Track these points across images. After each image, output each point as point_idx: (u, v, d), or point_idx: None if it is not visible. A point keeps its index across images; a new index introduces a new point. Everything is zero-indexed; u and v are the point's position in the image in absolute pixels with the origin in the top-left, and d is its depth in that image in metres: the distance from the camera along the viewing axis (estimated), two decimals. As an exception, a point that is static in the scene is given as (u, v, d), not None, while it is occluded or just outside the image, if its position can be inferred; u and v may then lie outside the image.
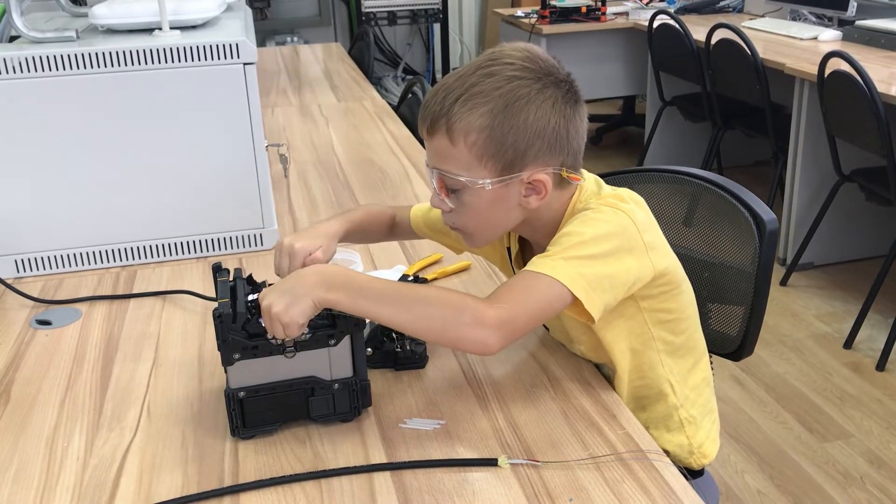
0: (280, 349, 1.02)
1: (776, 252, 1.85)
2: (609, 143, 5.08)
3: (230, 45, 1.49)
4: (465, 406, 1.10)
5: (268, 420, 1.05)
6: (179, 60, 1.47)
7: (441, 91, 1.04)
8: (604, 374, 1.18)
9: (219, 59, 1.49)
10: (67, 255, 1.56)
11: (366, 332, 1.08)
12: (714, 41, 3.58)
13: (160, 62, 1.47)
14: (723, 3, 4.53)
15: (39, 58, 1.42)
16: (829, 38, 3.55)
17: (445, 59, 5.66)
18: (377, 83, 5.46)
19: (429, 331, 1.00)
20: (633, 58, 4.50)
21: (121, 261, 1.59)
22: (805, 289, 3.20)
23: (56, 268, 1.56)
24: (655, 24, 4.03)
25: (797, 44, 3.59)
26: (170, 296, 1.47)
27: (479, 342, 0.97)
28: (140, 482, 0.99)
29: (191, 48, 1.47)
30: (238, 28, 1.60)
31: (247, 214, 1.61)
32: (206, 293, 1.45)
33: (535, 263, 1.02)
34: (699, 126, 4.15)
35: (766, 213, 1.30)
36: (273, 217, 1.64)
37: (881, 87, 2.65)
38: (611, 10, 4.48)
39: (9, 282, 1.50)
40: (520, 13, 4.60)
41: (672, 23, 3.86)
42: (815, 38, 3.60)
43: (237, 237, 1.63)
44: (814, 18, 4.05)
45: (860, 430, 2.37)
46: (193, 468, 1.01)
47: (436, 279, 1.48)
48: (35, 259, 1.55)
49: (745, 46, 3.34)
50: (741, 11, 4.51)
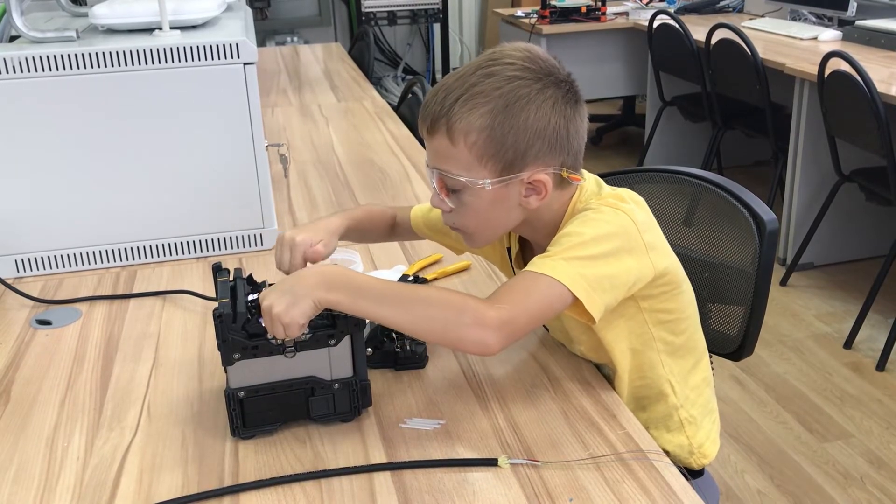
0: (280, 349, 1.02)
1: (776, 252, 1.85)
2: (609, 143, 5.08)
3: (230, 45, 1.49)
4: (465, 406, 1.10)
5: (268, 420, 1.05)
6: (179, 60, 1.48)
7: (441, 91, 1.04)
8: (604, 375, 1.18)
9: (219, 59, 1.49)
10: (67, 255, 1.56)
11: (366, 332, 1.08)
12: (714, 41, 3.58)
13: (160, 62, 1.47)
14: (723, 3, 4.53)
15: (39, 58, 1.43)
16: (829, 38, 3.55)
17: (445, 59, 5.66)
18: (377, 83, 5.46)
19: (429, 331, 1.00)
20: (633, 58, 4.50)
21: (121, 261, 1.59)
22: (805, 289, 3.20)
23: (56, 268, 1.56)
24: (655, 24, 4.03)
25: (797, 44, 3.59)
26: (170, 296, 1.47)
27: (480, 343, 0.97)
28: (140, 482, 0.99)
29: (191, 48, 1.47)
30: (238, 28, 1.60)
31: (247, 214, 1.61)
32: (206, 293, 1.45)
33: (536, 264, 1.02)
34: (699, 126, 4.15)
35: (766, 213, 1.30)
36: (273, 217, 1.64)
37: (881, 87, 2.65)
38: (611, 10, 4.48)
39: (9, 282, 1.50)
40: (520, 13, 4.60)
41: (672, 23, 3.86)
42: (815, 38, 3.60)
43: (237, 237, 1.63)
44: (814, 18, 4.05)
45: (860, 430, 2.37)
46: (193, 468, 1.01)
47: (436, 279, 1.48)
48: (35, 259, 1.55)
49: (745, 46, 3.34)
50: (741, 11, 4.51)
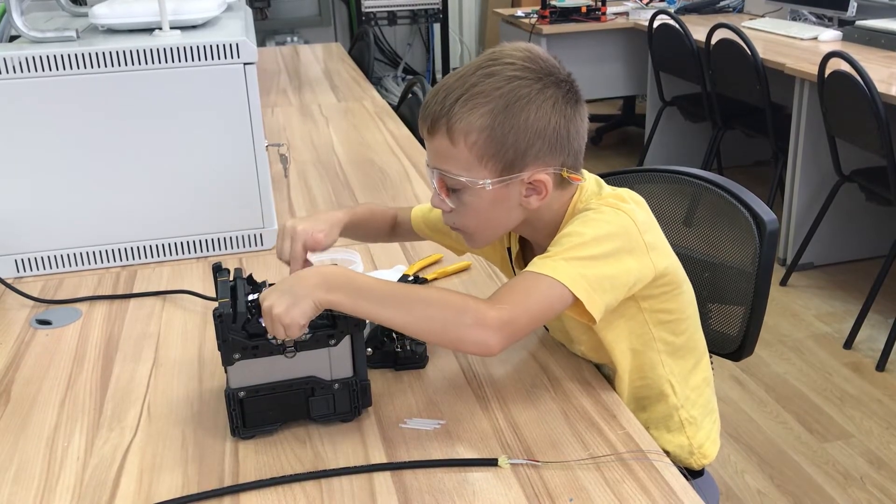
0: (280, 349, 1.02)
1: (776, 252, 1.85)
2: (609, 143, 5.08)
3: (230, 45, 1.49)
4: (466, 406, 1.10)
5: (268, 420, 1.05)
6: (179, 60, 1.47)
7: (441, 91, 1.04)
8: (604, 375, 1.18)
9: (219, 59, 1.49)
10: (67, 255, 1.56)
11: (366, 333, 1.08)
12: (714, 41, 3.58)
13: (160, 62, 1.47)
14: (723, 3, 4.53)
15: (39, 57, 1.42)
16: (830, 39, 3.55)
17: (445, 59, 5.66)
18: (377, 83, 5.46)
19: (430, 332, 1.00)
20: (633, 58, 4.50)
21: (121, 261, 1.59)
22: (805, 289, 3.20)
23: (56, 268, 1.56)
24: (655, 24, 4.03)
25: (797, 44, 3.59)
26: (170, 296, 1.47)
27: (481, 343, 0.97)
28: (140, 482, 0.99)
29: (191, 48, 1.47)
30: (238, 28, 1.60)
31: (247, 214, 1.61)
32: (207, 293, 1.45)
33: (536, 264, 1.02)
34: (699, 126, 4.15)
35: (766, 214, 1.30)
36: (273, 217, 1.64)
37: (881, 87, 2.65)
38: (611, 10, 4.48)
39: (9, 282, 1.50)
40: (520, 13, 4.60)
41: (672, 23, 3.86)
42: (816, 39, 3.60)
43: (237, 237, 1.62)
44: (814, 18, 4.05)
45: (860, 430, 2.37)
46: (193, 468, 1.01)
47: (436, 279, 1.48)
48: (35, 259, 1.55)
49: (746, 46, 3.34)
50: (741, 11, 4.51)
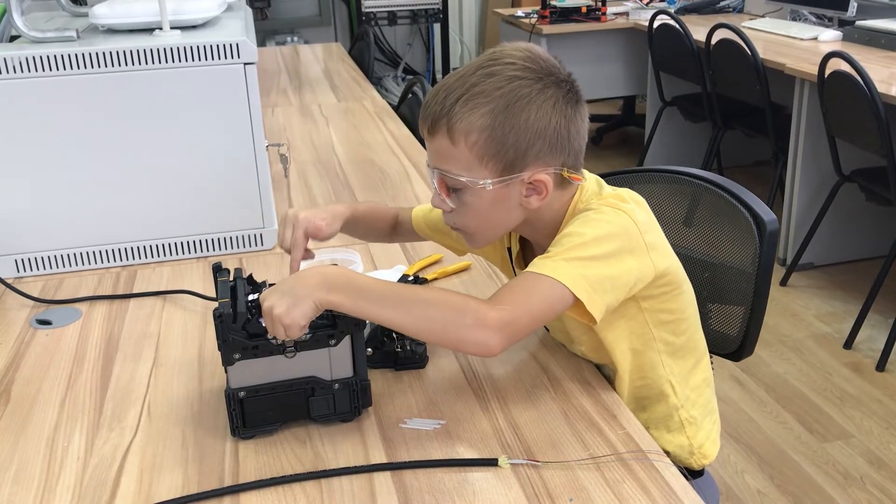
0: (280, 349, 1.02)
1: (776, 252, 1.85)
2: (609, 144, 5.08)
3: (230, 45, 1.48)
4: (466, 406, 1.10)
5: (268, 420, 1.05)
6: (180, 60, 1.47)
7: (442, 91, 1.04)
8: (604, 375, 1.18)
9: (219, 59, 1.49)
10: (67, 255, 1.56)
11: (366, 333, 1.08)
12: (714, 41, 3.58)
13: (160, 62, 1.47)
14: (723, 4, 4.53)
15: (40, 57, 1.42)
16: (830, 39, 3.55)
17: (445, 59, 5.66)
18: (377, 83, 5.46)
19: (430, 332, 1.00)
20: (634, 58, 4.50)
21: (121, 261, 1.59)
22: (805, 289, 3.20)
23: (56, 268, 1.56)
24: (655, 25, 4.03)
25: (797, 44, 3.59)
26: (170, 296, 1.47)
27: (481, 344, 0.97)
28: (140, 482, 0.99)
29: (191, 48, 1.47)
30: (238, 28, 1.60)
31: (247, 214, 1.61)
32: (207, 293, 1.45)
33: (537, 264, 1.02)
34: (699, 126, 4.15)
35: (767, 214, 1.30)
36: (273, 217, 1.63)
37: (881, 88, 2.65)
38: (611, 10, 4.48)
39: (9, 282, 1.50)
40: (520, 13, 4.60)
41: (672, 23, 3.86)
42: (816, 39, 3.60)
43: (237, 237, 1.62)
44: (814, 19, 4.05)
45: (860, 431, 2.37)
46: (193, 468, 1.01)
47: (436, 279, 1.48)
48: (35, 259, 1.55)
49: (746, 46, 3.34)
50: (741, 11, 4.51)
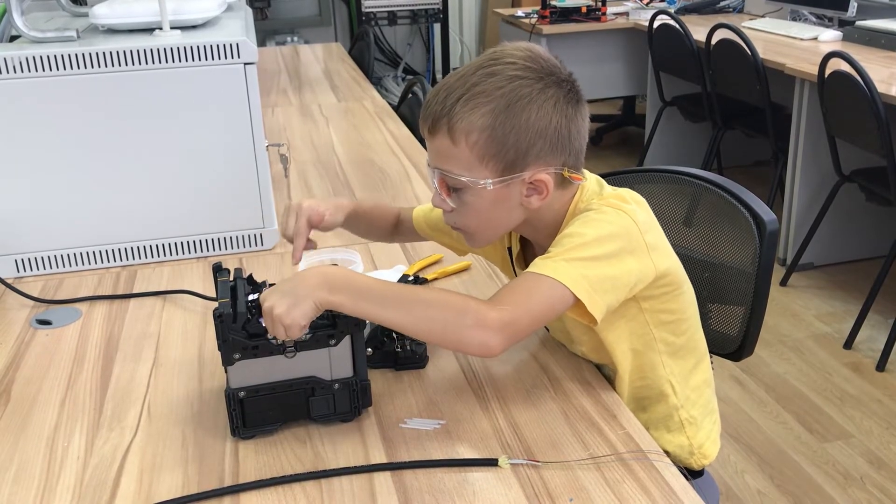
0: (280, 349, 1.02)
1: (776, 252, 1.84)
2: (609, 144, 5.08)
3: (230, 45, 1.48)
4: (466, 406, 1.10)
5: (268, 420, 1.05)
6: (180, 60, 1.47)
7: (442, 91, 1.04)
8: (604, 375, 1.18)
9: (219, 59, 1.49)
10: (67, 255, 1.56)
11: (366, 333, 1.08)
12: (714, 41, 3.58)
13: (160, 62, 1.47)
14: (723, 4, 4.53)
15: (40, 57, 1.42)
16: (830, 39, 3.55)
17: (445, 59, 5.66)
18: (377, 83, 5.46)
19: (431, 333, 1.00)
20: (634, 58, 4.50)
21: (121, 261, 1.59)
22: (805, 289, 3.20)
23: (56, 268, 1.56)
24: (656, 25, 4.03)
25: (797, 44, 3.59)
26: (170, 296, 1.47)
27: (482, 344, 0.97)
28: (140, 482, 0.99)
29: (191, 48, 1.47)
30: (238, 28, 1.60)
31: (247, 214, 1.61)
32: (207, 293, 1.45)
33: (537, 265, 1.02)
34: (699, 126, 4.15)
35: (767, 214, 1.30)
36: (273, 217, 1.63)
37: (881, 88, 2.65)
38: (611, 11, 4.48)
39: (9, 281, 1.50)
40: (520, 13, 4.60)
41: (672, 23, 3.86)
42: (816, 39, 3.60)
43: (237, 237, 1.62)
44: (814, 19, 4.05)
45: (860, 431, 2.37)
46: (193, 468, 1.01)
47: (436, 279, 1.48)
48: (35, 259, 1.55)
49: (746, 47, 3.34)
50: (741, 12, 4.51)
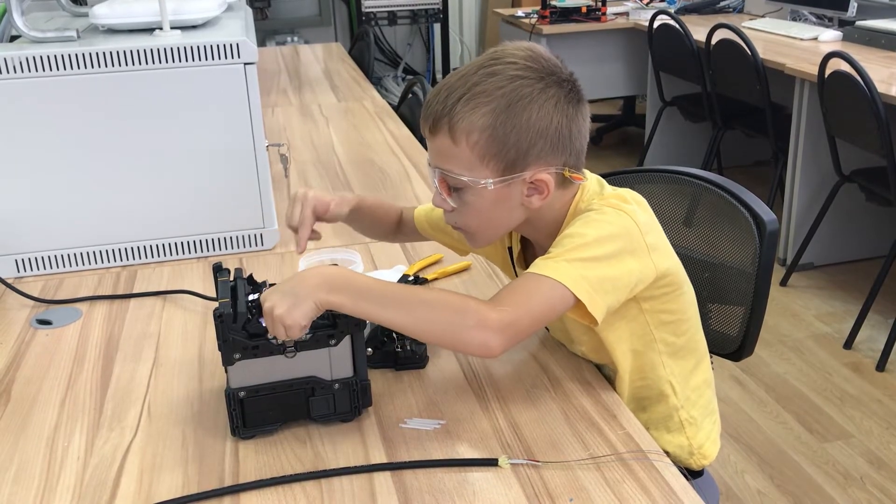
0: (280, 349, 1.02)
1: (776, 252, 1.84)
2: (609, 144, 5.08)
3: (231, 45, 1.48)
4: (466, 406, 1.10)
5: (268, 420, 1.05)
6: (180, 60, 1.47)
7: (443, 90, 1.04)
8: (604, 375, 1.18)
9: (219, 59, 1.49)
10: (67, 255, 1.56)
11: (366, 332, 1.08)
12: (714, 41, 3.58)
13: (160, 62, 1.47)
14: (723, 4, 4.53)
15: (40, 57, 1.42)
16: (830, 39, 3.55)
17: (445, 59, 5.66)
18: (377, 83, 5.46)
19: (431, 334, 1.00)
20: (634, 58, 4.50)
21: (121, 260, 1.59)
22: (805, 289, 3.20)
23: (56, 267, 1.56)
24: (656, 25, 4.03)
25: (797, 44, 3.59)
26: (170, 296, 1.47)
27: (482, 345, 0.97)
28: (140, 482, 0.99)
29: (191, 48, 1.47)
30: (238, 28, 1.60)
31: (247, 214, 1.61)
32: (207, 293, 1.45)
33: (538, 265, 1.02)
34: (699, 126, 4.15)
35: (767, 214, 1.30)
36: (273, 217, 1.63)
37: (881, 88, 2.65)
38: (611, 11, 4.48)
39: (9, 281, 1.50)
40: (520, 13, 4.60)
41: (672, 23, 3.86)
42: (816, 39, 3.60)
43: (237, 237, 1.62)
44: (814, 19, 4.05)
45: (860, 431, 2.37)
46: (194, 468, 1.01)
47: (436, 279, 1.48)
48: (35, 259, 1.55)
49: (746, 47, 3.34)
50: (741, 12, 4.51)
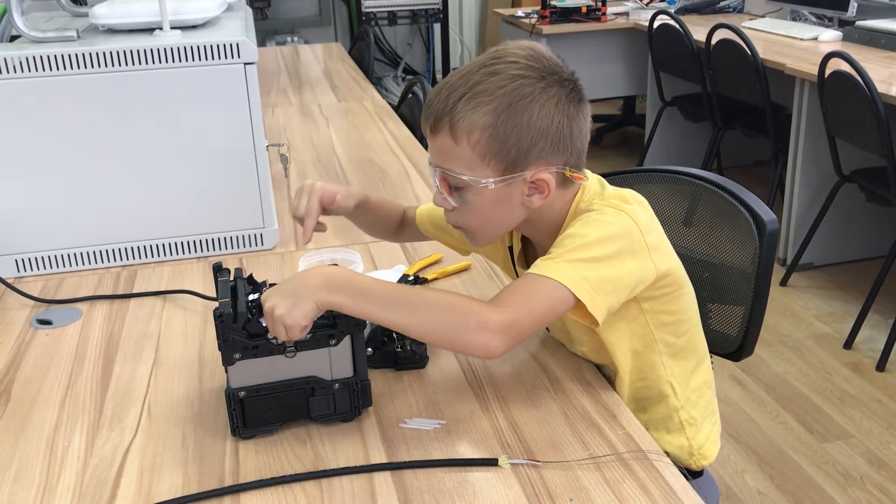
0: (280, 349, 1.02)
1: (776, 252, 1.84)
2: (609, 144, 5.08)
3: (231, 45, 1.48)
4: (466, 406, 1.10)
5: (268, 420, 1.05)
6: (180, 60, 1.47)
7: (444, 89, 1.04)
8: (604, 375, 1.18)
9: (219, 59, 1.49)
10: (68, 255, 1.56)
11: (366, 332, 1.08)
12: (714, 41, 3.58)
13: (160, 62, 1.47)
14: (723, 4, 4.53)
15: (40, 57, 1.42)
16: (830, 39, 3.55)
17: (445, 59, 5.66)
18: (377, 83, 5.46)
19: (432, 334, 1.00)
20: (634, 58, 4.50)
21: (121, 260, 1.59)
22: (805, 289, 3.20)
23: (56, 267, 1.56)
24: (656, 25, 4.03)
25: (797, 44, 3.59)
26: (170, 295, 1.47)
27: (483, 346, 0.97)
28: (140, 482, 0.99)
29: (191, 48, 1.47)
30: (238, 28, 1.60)
31: (247, 214, 1.61)
32: (207, 293, 1.45)
33: (539, 266, 1.01)
34: (699, 126, 4.15)
35: (766, 214, 1.30)
36: (273, 217, 1.63)
37: (881, 88, 2.65)
38: (611, 11, 4.48)
39: (9, 281, 1.50)
40: (520, 13, 4.60)
41: (672, 23, 3.86)
42: (816, 39, 3.60)
43: (237, 237, 1.62)
44: (814, 19, 4.05)
45: (860, 431, 2.37)
46: (194, 468, 1.01)
47: (436, 279, 1.48)
48: (35, 259, 1.55)
49: (746, 47, 3.34)
50: (741, 12, 4.51)
